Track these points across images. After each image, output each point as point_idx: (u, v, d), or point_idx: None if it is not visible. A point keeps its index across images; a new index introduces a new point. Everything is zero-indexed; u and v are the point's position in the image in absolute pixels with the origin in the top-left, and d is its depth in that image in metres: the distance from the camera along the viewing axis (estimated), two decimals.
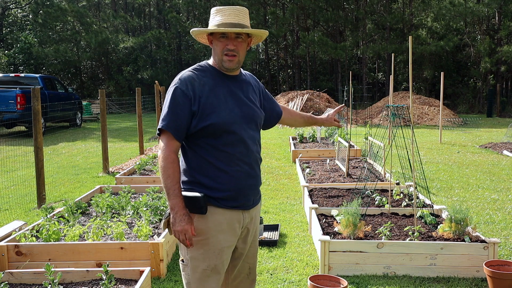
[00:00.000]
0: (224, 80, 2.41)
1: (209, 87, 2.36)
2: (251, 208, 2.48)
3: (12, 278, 3.67)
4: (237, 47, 2.36)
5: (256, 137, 2.46)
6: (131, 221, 5.18)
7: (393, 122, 5.38)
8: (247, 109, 2.41)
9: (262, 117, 2.53)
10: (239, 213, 2.42)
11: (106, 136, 9.50)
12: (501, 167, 9.47)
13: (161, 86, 16.02)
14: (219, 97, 2.35)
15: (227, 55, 2.35)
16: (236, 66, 2.40)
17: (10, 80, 17.23)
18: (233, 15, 2.35)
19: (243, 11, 2.40)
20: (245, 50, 2.43)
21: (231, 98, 2.38)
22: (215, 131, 2.31)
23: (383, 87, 32.69)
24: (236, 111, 2.36)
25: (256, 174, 2.46)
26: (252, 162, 2.42)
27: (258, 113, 2.48)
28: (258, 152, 2.47)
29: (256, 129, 2.47)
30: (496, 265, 3.91)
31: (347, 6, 33.64)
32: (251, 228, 2.53)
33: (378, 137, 10.14)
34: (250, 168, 2.41)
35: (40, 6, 35.65)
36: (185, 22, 37.14)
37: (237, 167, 2.36)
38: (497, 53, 27.25)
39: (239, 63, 2.41)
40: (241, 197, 2.40)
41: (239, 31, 2.35)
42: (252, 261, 2.61)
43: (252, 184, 2.44)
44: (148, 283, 3.66)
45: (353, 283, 4.03)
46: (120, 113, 29.43)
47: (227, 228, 2.38)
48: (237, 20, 2.35)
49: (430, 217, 4.87)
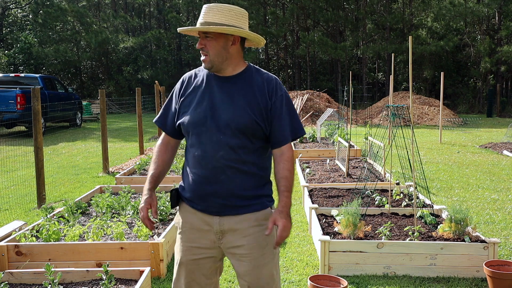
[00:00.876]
0: (213, 81, 2.35)
1: (193, 87, 2.38)
2: (222, 215, 2.33)
3: (12, 278, 3.67)
4: (206, 46, 2.29)
5: (228, 142, 2.26)
6: (131, 221, 5.18)
7: (393, 122, 5.39)
8: (224, 113, 2.27)
9: (247, 123, 2.27)
10: (210, 217, 2.34)
11: (106, 136, 9.50)
12: (501, 167, 9.47)
13: (161, 86, 16.03)
14: (197, 97, 2.34)
15: (201, 54, 2.33)
16: (209, 66, 2.31)
17: (10, 80, 17.23)
18: (204, 13, 2.30)
19: (216, 9, 2.29)
20: (217, 48, 2.28)
21: (210, 100, 2.31)
22: (184, 131, 2.38)
23: (383, 87, 32.69)
24: (207, 113, 2.29)
25: (219, 181, 2.28)
26: (215, 168, 2.28)
27: (239, 118, 2.26)
28: (226, 158, 2.26)
29: (232, 134, 2.26)
30: (496, 265, 3.91)
31: (347, 6, 33.65)
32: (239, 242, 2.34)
33: (378, 137, 10.14)
34: (210, 173, 2.29)
35: (40, 6, 35.65)
36: (185, 22, 37.13)
37: (195, 170, 2.33)
38: (497, 53, 27.26)
39: (211, 62, 2.30)
40: (200, 201, 2.35)
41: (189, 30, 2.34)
42: (253, 275, 2.37)
43: (213, 191, 2.30)
44: (148, 283, 3.66)
45: (353, 283, 4.03)
46: (120, 113, 29.44)
47: (196, 227, 2.38)
48: (205, 18, 2.28)
49: (430, 217, 4.87)
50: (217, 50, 2.29)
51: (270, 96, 2.33)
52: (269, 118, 2.32)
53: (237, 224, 2.33)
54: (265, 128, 2.32)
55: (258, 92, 2.32)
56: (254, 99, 2.30)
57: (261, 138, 2.34)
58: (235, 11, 2.31)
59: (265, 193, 2.39)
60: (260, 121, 2.29)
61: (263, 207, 2.37)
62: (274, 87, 2.35)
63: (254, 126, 2.28)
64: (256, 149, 2.33)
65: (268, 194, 2.41)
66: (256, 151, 2.34)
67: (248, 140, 2.29)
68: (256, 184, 2.35)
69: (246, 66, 2.39)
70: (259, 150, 2.35)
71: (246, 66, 2.39)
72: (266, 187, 2.41)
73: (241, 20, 2.33)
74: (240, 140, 2.28)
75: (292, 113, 2.37)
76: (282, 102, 2.34)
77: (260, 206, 2.36)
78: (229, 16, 2.29)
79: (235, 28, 2.27)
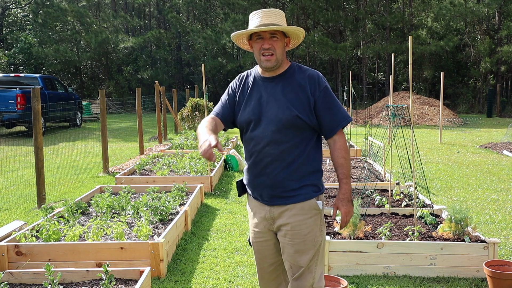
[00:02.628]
0: (260, 82, 2.60)
1: (246, 87, 2.64)
2: (271, 205, 2.57)
3: (12, 278, 3.67)
4: (273, 46, 2.50)
5: (273, 137, 2.49)
6: (131, 221, 5.18)
7: (393, 122, 5.39)
8: (270, 110, 2.51)
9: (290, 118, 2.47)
10: (263, 205, 2.61)
11: (106, 136, 9.49)
12: (501, 167, 9.47)
13: (161, 86, 16.03)
14: (248, 97, 2.60)
15: (264, 54, 2.50)
16: (274, 65, 2.52)
17: (10, 80, 17.23)
18: (266, 16, 2.51)
19: (276, 13, 2.52)
20: (282, 49, 2.53)
21: (258, 99, 2.56)
22: (240, 127, 2.65)
23: (383, 87, 32.69)
24: (255, 111, 2.54)
25: (265, 173, 2.53)
26: (261, 161, 2.53)
27: (282, 115, 2.47)
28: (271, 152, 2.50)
29: (277, 129, 2.48)
30: (496, 265, 3.91)
31: (347, 6, 33.64)
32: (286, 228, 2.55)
33: (378, 137, 10.13)
34: (258, 166, 2.55)
35: (40, 6, 35.65)
36: (185, 22, 37.15)
37: (249, 162, 2.61)
38: (497, 53, 27.24)
39: (277, 61, 2.52)
40: (253, 191, 2.65)
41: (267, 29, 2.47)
42: (292, 260, 2.57)
43: (261, 183, 2.56)
44: (148, 283, 3.66)
45: (353, 283, 4.03)
46: (120, 113, 29.44)
47: (254, 213, 2.67)
48: (270, 20, 2.49)
49: (430, 217, 4.87)
50: (281, 49, 2.53)
51: (313, 91, 2.52)
52: (313, 112, 2.52)
53: (284, 212, 2.56)
54: (309, 121, 2.51)
55: (299, 88, 2.52)
56: (295, 95, 2.51)
57: (306, 130, 2.53)
58: (282, 14, 2.57)
59: (310, 183, 2.56)
60: (303, 116, 2.49)
61: (308, 197, 2.54)
62: (317, 82, 2.54)
63: (296, 120, 2.48)
64: (301, 142, 2.52)
65: (313, 183, 2.57)
66: (301, 143, 2.52)
67: (293, 134, 2.50)
68: (301, 175, 2.53)
69: (289, 65, 2.60)
70: (304, 142, 2.53)
71: (289, 65, 2.60)
72: (313, 176, 2.56)
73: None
74: (285, 135, 2.49)
75: (336, 103, 2.56)
76: (325, 94, 2.54)
77: (304, 196, 2.54)
78: (282, 19, 2.55)
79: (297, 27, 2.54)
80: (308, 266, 2.57)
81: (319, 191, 2.59)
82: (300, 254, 2.56)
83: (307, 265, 2.56)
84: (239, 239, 5.20)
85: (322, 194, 2.62)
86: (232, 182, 8.11)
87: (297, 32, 2.56)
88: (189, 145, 11.56)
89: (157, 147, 12.69)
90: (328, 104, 2.53)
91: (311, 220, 2.56)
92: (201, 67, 10.82)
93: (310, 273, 2.58)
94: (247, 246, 4.96)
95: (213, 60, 32.29)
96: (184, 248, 4.90)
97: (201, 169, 8.01)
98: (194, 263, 4.52)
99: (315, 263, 2.59)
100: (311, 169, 2.56)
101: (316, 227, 2.57)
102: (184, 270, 4.33)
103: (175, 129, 17.65)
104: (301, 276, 2.57)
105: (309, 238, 2.55)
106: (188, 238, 5.20)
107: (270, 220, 2.60)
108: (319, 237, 2.59)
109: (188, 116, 16.80)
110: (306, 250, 2.56)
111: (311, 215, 2.55)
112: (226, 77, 35.86)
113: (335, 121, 2.54)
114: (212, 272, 4.30)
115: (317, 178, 2.58)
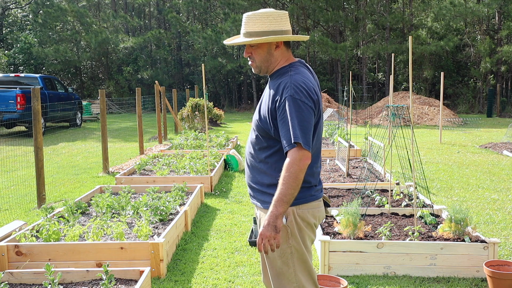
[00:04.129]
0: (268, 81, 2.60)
1: None
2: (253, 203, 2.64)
3: (12, 278, 3.67)
4: (252, 54, 2.48)
5: (251, 139, 2.57)
6: (131, 221, 5.18)
7: (393, 122, 5.39)
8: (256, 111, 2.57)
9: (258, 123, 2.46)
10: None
11: (106, 136, 9.49)
12: (501, 167, 9.47)
13: (161, 86, 16.03)
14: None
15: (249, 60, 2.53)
16: (257, 71, 2.53)
17: (10, 80, 17.23)
18: (245, 24, 2.45)
19: (257, 18, 2.40)
20: (263, 56, 2.45)
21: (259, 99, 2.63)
22: None
23: (383, 87, 32.69)
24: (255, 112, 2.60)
25: (247, 173, 2.61)
26: (245, 160, 2.66)
27: (255, 118, 2.53)
28: (248, 152, 2.59)
29: (253, 131, 2.56)
30: (496, 265, 3.91)
31: (347, 6, 33.62)
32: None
33: (378, 137, 10.13)
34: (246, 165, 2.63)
35: (40, 6, 35.65)
36: (185, 22, 37.14)
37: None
38: (497, 53, 27.24)
39: (259, 68, 2.50)
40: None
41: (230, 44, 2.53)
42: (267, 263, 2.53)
43: (247, 182, 2.65)
44: (148, 283, 3.66)
45: (353, 283, 4.03)
46: (120, 113, 29.44)
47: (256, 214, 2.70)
48: (246, 29, 2.44)
49: (430, 217, 4.87)
50: (262, 57, 2.46)
51: (276, 99, 2.35)
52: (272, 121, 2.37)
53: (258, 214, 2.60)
54: (267, 129, 2.41)
55: (270, 93, 2.42)
56: (266, 100, 2.46)
57: (271, 138, 2.43)
58: (273, 16, 2.41)
59: (270, 192, 2.40)
60: (261, 122, 2.43)
61: (265, 206, 2.47)
62: (281, 91, 2.34)
63: (258, 125, 2.46)
64: (266, 149, 2.46)
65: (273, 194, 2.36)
66: (266, 150, 2.46)
67: (262, 139, 2.47)
68: (265, 182, 2.48)
69: (280, 67, 2.47)
70: (269, 150, 2.45)
71: (280, 67, 2.47)
72: (273, 188, 2.36)
73: (280, 22, 2.42)
74: (256, 138, 2.51)
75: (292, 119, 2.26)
76: (284, 105, 2.29)
77: (262, 203, 2.51)
78: (268, 22, 2.40)
79: (275, 36, 2.38)
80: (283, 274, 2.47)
81: None
82: (269, 261, 2.49)
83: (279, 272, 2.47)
84: (239, 239, 5.20)
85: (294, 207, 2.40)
86: (232, 182, 8.11)
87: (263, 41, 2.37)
88: (189, 145, 11.56)
89: (157, 147, 12.69)
90: (282, 117, 2.29)
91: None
92: (201, 67, 10.82)
93: (290, 283, 2.47)
94: (247, 246, 4.96)
95: (213, 60, 32.29)
96: (184, 248, 4.90)
97: (201, 169, 8.01)
98: (194, 263, 4.52)
99: (293, 273, 2.46)
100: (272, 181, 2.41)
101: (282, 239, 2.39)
102: (184, 270, 4.33)
103: (175, 129, 17.65)
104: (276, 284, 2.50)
105: None
106: (188, 238, 5.20)
107: (258, 220, 2.65)
108: (286, 249, 2.43)
109: (188, 116, 16.81)
110: (273, 258, 2.46)
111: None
112: (226, 77, 35.85)
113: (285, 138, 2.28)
114: (212, 272, 4.30)
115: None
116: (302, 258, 2.48)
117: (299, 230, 2.45)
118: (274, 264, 2.49)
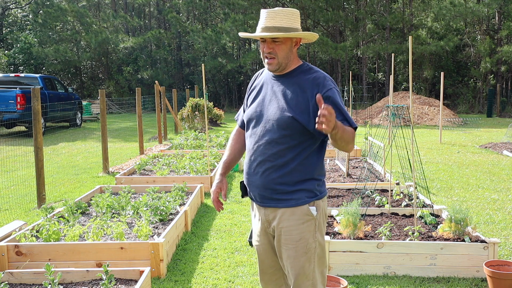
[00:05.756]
0: (270, 80, 2.56)
1: (257, 84, 2.64)
2: (264, 206, 2.53)
3: (12, 278, 3.67)
4: (274, 50, 2.44)
5: (268, 137, 2.44)
6: (131, 221, 5.18)
7: (393, 122, 5.39)
8: (269, 109, 2.47)
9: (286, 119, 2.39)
10: (259, 207, 2.59)
11: (106, 136, 9.49)
12: (501, 167, 9.47)
13: (161, 86, 16.03)
14: (255, 94, 2.60)
15: (267, 57, 2.47)
16: (276, 68, 2.47)
17: (10, 80, 17.23)
18: (269, 18, 2.43)
19: (282, 14, 2.42)
20: (285, 52, 2.45)
21: (262, 97, 2.54)
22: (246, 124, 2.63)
23: (383, 87, 32.68)
24: (257, 109, 2.53)
25: (257, 173, 2.49)
26: (255, 160, 2.50)
27: (279, 115, 2.41)
28: (264, 152, 2.45)
29: (272, 129, 2.43)
30: (496, 265, 3.91)
31: (347, 6, 33.62)
32: (278, 232, 2.51)
33: (378, 137, 10.13)
34: (252, 165, 2.52)
35: (40, 6, 35.65)
36: (185, 22, 37.13)
37: (245, 161, 2.59)
38: (497, 53, 27.23)
39: (280, 65, 2.46)
40: (249, 189, 2.61)
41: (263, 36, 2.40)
42: (287, 264, 2.52)
43: (253, 182, 2.53)
44: (148, 283, 3.66)
45: (353, 283, 4.03)
46: (120, 113, 29.44)
47: (255, 215, 2.65)
48: (272, 23, 2.41)
49: (430, 217, 4.87)
50: (285, 53, 2.46)
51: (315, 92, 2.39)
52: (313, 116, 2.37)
53: (277, 216, 2.50)
54: (307, 125, 2.39)
55: (300, 90, 2.43)
56: (295, 96, 2.43)
57: (304, 134, 2.42)
58: (295, 14, 2.47)
59: (304, 188, 2.45)
60: (299, 118, 2.39)
61: (300, 203, 2.46)
62: (321, 84, 2.41)
63: (292, 122, 2.39)
64: (298, 146, 2.43)
65: (308, 189, 2.46)
66: (297, 147, 2.44)
67: (289, 137, 2.42)
68: (294, 180, 2.45)
69: (298, 65, 2.52)
70: (301, 147, 2.44)
71: (298, 65, 2.52)
72: (308, 183, 2.47)
73: (299, 21, 2.49)
74: (280, 136, 2.42)
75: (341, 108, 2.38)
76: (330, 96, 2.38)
77: (296, 202, 2.46)
78: (292, 20, 2.44)
79: (303, 32, 2.45)
80: (303, 272, 2.49)
81: (315, 197, 2.49)
82: (292, 260, 2.50)
83: (301, 271, 2.49)
84: (239, 239, 5.20)
85: (320, 200, 2.51)
86: (232, 182, 8.11)
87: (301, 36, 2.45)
88: (189, 145, 11.56)
89: (157, 147, 12.69)
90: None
91: (303, 226, 2.47)
92: (201, 67, 10.82)
93: (307, 280, 2.50)
94: (247, 246, 4.97)
95: (213, 60, 32.28)
96: (184, 248, 4.90)
97: (201, 169, 8.01)
98: (194, 263, 4.52)
99: (312, 270, 2.51)
100: (306, 176, 2.46)
101: (309, 234, 2.48)
102: (184, 270, 4.33)
103: (175, 129, 17.65)
104: (297, 282, 2.51)
105: (301, 244, 2.47)
106: (188, 238, 5.20)
107: (266, 223, 2.56)
108: (312, 243, 2.49)
109: (188, 116, 16.81)
110: (298, 256, 2.49)
111: (303, 220, 2.46)
112: (226, 77, 35.85)
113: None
114: (212, 272, 4.30)
115: (312, 185, 2.48)
116: (322, 253, 2.57)
117: (323, 224, 2.57)
118: (297, 262, 2.49)
